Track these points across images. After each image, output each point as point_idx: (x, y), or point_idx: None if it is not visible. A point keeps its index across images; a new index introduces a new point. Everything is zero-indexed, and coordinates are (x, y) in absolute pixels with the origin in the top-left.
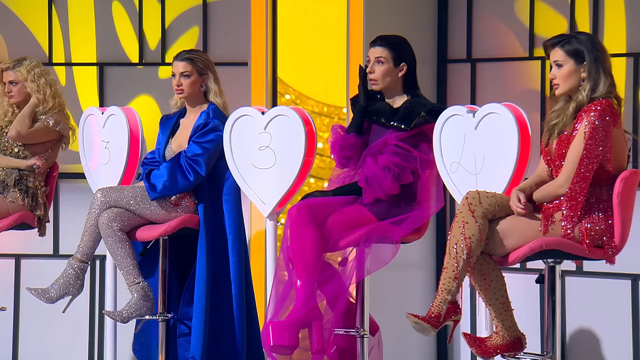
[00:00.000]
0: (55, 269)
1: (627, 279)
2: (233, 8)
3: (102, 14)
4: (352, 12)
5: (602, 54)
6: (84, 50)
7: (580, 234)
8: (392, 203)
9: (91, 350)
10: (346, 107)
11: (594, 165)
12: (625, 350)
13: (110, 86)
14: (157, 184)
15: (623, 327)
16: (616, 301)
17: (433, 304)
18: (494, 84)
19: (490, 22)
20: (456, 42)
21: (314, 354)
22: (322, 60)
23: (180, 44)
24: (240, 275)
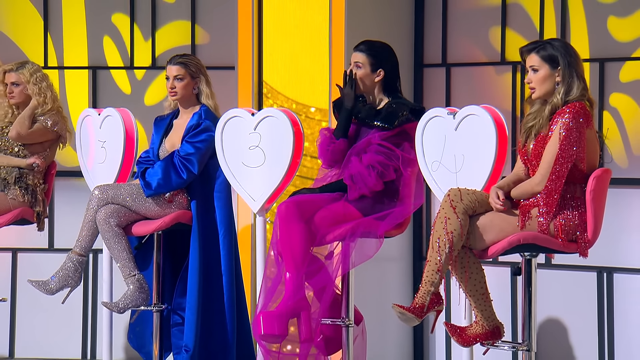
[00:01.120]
0: (50, 262)
1: (593, 272)
2: (221, 15)
3: (95, 20)
4: (334, 19)
5: (575, 59)
6: (75, 55)
7: (556, 229)
8: (376, 199)
9: (84, 340)
10: (328, 108)
11: (568, 164)
12: (591, 339)
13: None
14: (152, 182)
15: (589, 317)
16: (582, 292)
17: (417, 295)
18: (468, 87)
19: (464, 29)
20: (432, 48)
21: (302, 342)
22: (306, 64)
23: (170, 48)
24: (230, 268)
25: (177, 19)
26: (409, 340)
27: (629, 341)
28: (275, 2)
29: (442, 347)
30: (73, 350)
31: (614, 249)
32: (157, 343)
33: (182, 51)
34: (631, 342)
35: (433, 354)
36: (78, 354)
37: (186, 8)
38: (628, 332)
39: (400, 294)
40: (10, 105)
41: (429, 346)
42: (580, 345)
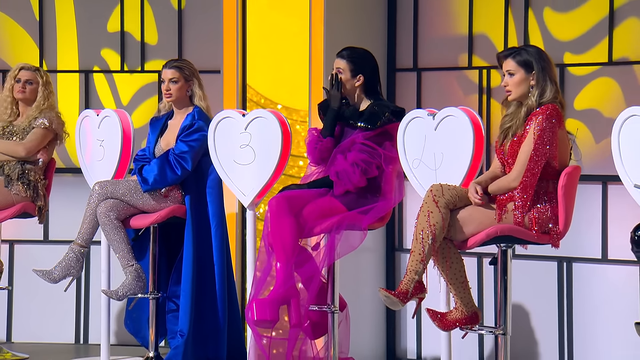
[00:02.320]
0: (45, 253)
1: (554, 261)
2: (207, 21)
3: (84, 23)
4: (313, 26)
5: (548, 65)
6: (66, 58)
7: (530, 222)
8: (359, 195)
9: (77, 326)
10: (308, 109)
11: (542, 162)
12: (552, 322)
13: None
14: (149, 178)
15: (550, 303)
16: (545, 280)
17: (402, 282)
18: (437, 90)
19: (434, 35)
20: (403, 53)
21: (291, 327)
22: (287, 68)
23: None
24: (222, 258)
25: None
26: (382, 326)
27: (586, 325)
28: (259, 10)
29: (412, 331)
30: (67, 335)
31: (573, 241)
32: (153, 328)
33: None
34: (587, 326)
35: (405, 337)
36: (72, 338)
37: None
38: (585, 316)
39: (375, 283)
40: (13, 101)
41: (400, 331)
42: (541, 329)
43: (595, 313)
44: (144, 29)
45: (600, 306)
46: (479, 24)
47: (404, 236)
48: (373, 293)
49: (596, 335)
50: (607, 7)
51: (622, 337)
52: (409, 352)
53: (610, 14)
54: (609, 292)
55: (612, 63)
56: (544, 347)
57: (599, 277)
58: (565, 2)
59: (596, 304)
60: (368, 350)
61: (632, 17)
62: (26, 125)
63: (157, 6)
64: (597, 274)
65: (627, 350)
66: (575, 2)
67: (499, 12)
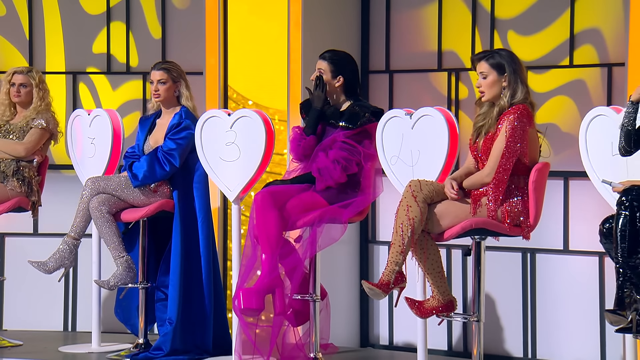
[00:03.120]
0: (34, 245)
1: (518, 252)
2: (190, 25)
3: (70, 26)
4: (291, 30)
5: (519, 67)
6: (54, 60)
7: (502, 215)
8: (340, 190)
9: (65, 313)
10: (287, 109)
11: (513, 158)
12: (516, 310)
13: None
14: (139, 174)
15: (514, 291)
16: (509, 270)
17: (383, 273)
18: (409, 91)
19: (406, 39)
20: (376, 56)
21: (276, 315)
22: (266, 70)
23: (143, 56)
24: (208, 250)
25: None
26: (356, 314)
27: (548, 312)
28: (240, 15)
29: (385, 319)
30: (55, 323)
31: (536, 233)
32: (143, 316)
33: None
34: (550, 313)
35: (377, 325)
36: (60, 326)
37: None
38: (548, 304)
39: (350, 274)
40: (10, 103)
41: (373, 319)
42: (507, 316)
43: (557, 301)
44: (129, 33)
45: (562, 294)
46: (447, 28)
47: (378, 229)
48: (348, 283)
49: (558, 322)
50: (568, 33)
51: (582, 324)
52: (382, 339)
53: (570, 40)
54: (570, 281)
55: (569, 82)
56: (509, 334)
57: (560, 267)
58: (528, 27)
59: (558, 292)
60: (343, 337)
61: (588, 44)
62: (23, 125)
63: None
64: (559, 264)
65: (586, 337)
66: (537, 27)
67: (467, 32)
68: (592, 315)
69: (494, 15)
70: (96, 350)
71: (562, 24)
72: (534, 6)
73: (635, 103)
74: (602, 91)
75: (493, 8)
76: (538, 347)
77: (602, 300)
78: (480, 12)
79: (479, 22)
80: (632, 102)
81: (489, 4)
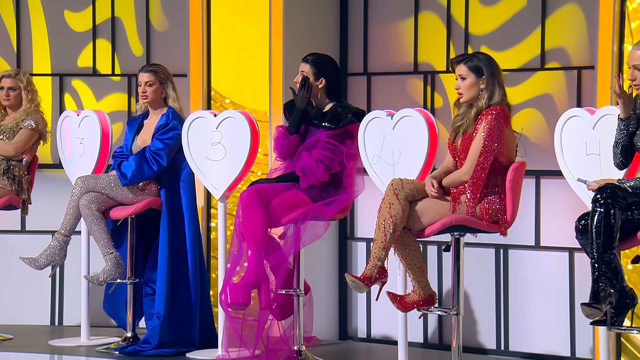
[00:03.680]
0: (22, 242)
1: (492, 248)
2: (174, 29)
3: (55, 28)
4: (273, 34)
5: (496, 70)
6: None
7: (481, 212)
8: (323, 188)
9: (52, 308)
10: (268, 110)
11: (490, 158)
12: (490, 304)
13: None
14: (127, 173)
15: (488, 286)
16: (483, 265)
17: (366, 268)
18: (386, 93)
19: (383, 43)
20: (354, 59)
21: (261, 309)
22: (249, 73)
23: (125, 59)
24: (194, 246)
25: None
26: (335, 308)
27: (520, 305)
28: (223, 19)
29: (363, 313)
30: (42, 317)
31: (509, 229)
32: (131, 311)
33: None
34: (521, 306)
35: (356, 319)
36: (47, 320)
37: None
38: (520, 297)
39: (329, 269)
40: (0, 106)
41: (351, 313)
42: (480, 309)
43: (529, 295)
44: (115, 36)
45: (534, 288)
46: (423, 34)
47: (356, 226)
48: (327, 278)
49: (530, 314)
50: (539, 49)
51: (553, 317)
52: (360, 332)
53: (542, 55)
54: (541, 275)
55: (538, 96)
56: (483, 327)
57: (532, 262)
58: (501, 43)
59: (530, 286)
60: (322, 330)
61: (555, 62)
62: (13, 126)
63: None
64: (530, 260)
65: (557, 329)
66: (510, 42)
67: (442, 45)
68: (562, 308)
69: (467, 30)
70: (85, 343)
71: (532, 40)
72: (506, 24)
73: (624, 119)
74: (568, 104)
75: (467, 24)
76: (510, 339)
77: (572, 294)
78: (455, 27)
79: (453, 36)
80: (622, 119)
81: (463, 20)
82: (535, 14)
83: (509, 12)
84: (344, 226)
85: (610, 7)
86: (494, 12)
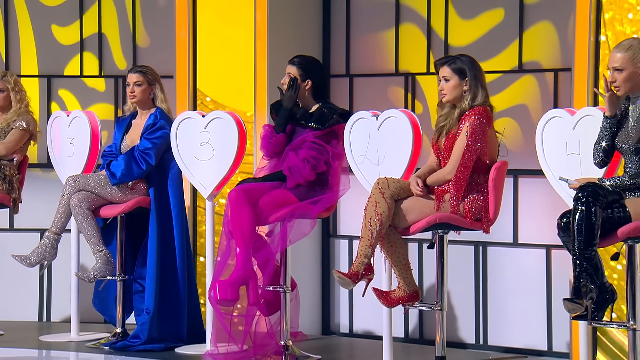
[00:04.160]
0: (11, 240)
1: (470, 245)
2: (161, 31)
3: (41, 32)
4: (258, 36)
5: (479, 72)
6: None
7: (464, 211)
8: (309, 187)
9: (40, 304)
10: (252, 111)
11: (473, 157)
12: (469, 300)
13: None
14: (117, 172)
15: (467, 282)
16: (463, 262)
17: (353, 264)
18: (368, 94)
19: (364, 45)
20: (337, 61)
21: (249, 305)
22: (234, 74)
23: (111, 61)
24: (182, 244)
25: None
26: (318, 304)
27: (498, 302)
28: (208, 22)
29: (345, 309)
30: (30, 313)
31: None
32: (121, 307)
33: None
34: (500, 303)
35: (338, 314)
36: (35, 316)
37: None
38: (498, 294)
39: (312, 266)
40: None
41: (334, 309)
42: (460, 306)
43: (507, 291)
44: (101, 38)
45: (512, 285)
46: (403, 64)
47: (338, 224)
48: (310, 274)
49: (508, 310)
50: (517, 60)
51: (530, 312)
52: (342, 327)
53: (519, 64)
54: (519, 272)
55: (513, 106)
56: (462, 322)
57: (510, 259)
58: (478, 55)
59: (508, 283)
60: (306, 326)
61: (529, 74)
62: (4, 126)
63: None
64: (508, 257)
65: (534, 324)
66: (489, 55)
67: (422, 56)
68: (539, 303)
69: (447, 42)
70: (75, 339)
71: (510, 53)
72: (484, 37)
73: (610, 117)
74: (541, 113)
75: (447, 36)
76: (489, 334)
77: (549, 290)
78: (435, 39)
79: (433, 47)
80: (607, 117)
81: (443, 33)
82: (512, 28)
83: (487, 26)
84: (326, 224)
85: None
86: (473, 25)
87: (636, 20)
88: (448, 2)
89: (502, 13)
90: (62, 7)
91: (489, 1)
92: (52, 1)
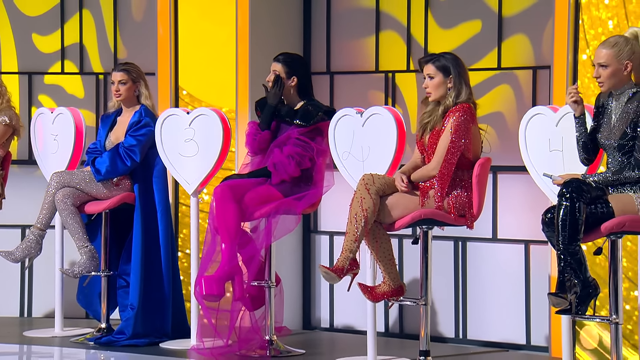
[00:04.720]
0: None
1: (450, 241)
2: (143, 29)
3: (20, 30)
4: (239, 34)
5: (463, 70)
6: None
7: (449, 206)
8: (294, 183)
9: (22, 300)
10: (235, 108)
11: (458, 153)
12: (449, 295)
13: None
14: (101, 169)
15: (447, 277)
16: (442, 258)
17: (338, 259)
18: (348, 91)
19: (345, 43)
20: (318, 58)
21: (235, 300)
22: (215, 72)
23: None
24: (167, 240)
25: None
26: (299, 299)
27: (477, 296)
28: (190, 19)
29: (326, 304)
30: (11, 309)
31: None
32: (105, 303)
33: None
34: (479, 297)
35: (319, 309)
36: (16, 312)
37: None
38: (477, 288)
39: (293, 261)
40: None
41: (315, 304)
42: (440, 300)
43: (486, 285)
44: (82, 35)
45: (491, 280)
46: (386, 35)
47: (319, 220)
48: (291, 270)
49: (487, 304)
50: (496, 65)
51: (509, 306)
52: (323, 322)
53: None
54: (498, 267)
55: (490, 113)
56: (442, 316)
57: (489, 254)
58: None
59: (487, 277)
60: (287, 320)
61: (505, 84)
62: None
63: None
64: (488, 252)
65: (513, 318)
66: (471, 60)
67: (402, 62)
68: (518, 298)
69: (427, 49)
70: (59, 334)
71: (488, 62)
72: (464, 45)
73: (578, 117)
74: (517, 120)
75: (426, 44)
76: (469, 328)
77: (527, 284)
78: (415, 46)
79: (413, 54)
80: (576, 117)
81: (423, 40)
82: (491, 38)
83: (465, 36)
84: (307, 220)
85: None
86: (451, 34)
87: (612, 5)
88: (428, 11)
89: (479, 24)
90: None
91: (467, 12)
92: (33, 11)
